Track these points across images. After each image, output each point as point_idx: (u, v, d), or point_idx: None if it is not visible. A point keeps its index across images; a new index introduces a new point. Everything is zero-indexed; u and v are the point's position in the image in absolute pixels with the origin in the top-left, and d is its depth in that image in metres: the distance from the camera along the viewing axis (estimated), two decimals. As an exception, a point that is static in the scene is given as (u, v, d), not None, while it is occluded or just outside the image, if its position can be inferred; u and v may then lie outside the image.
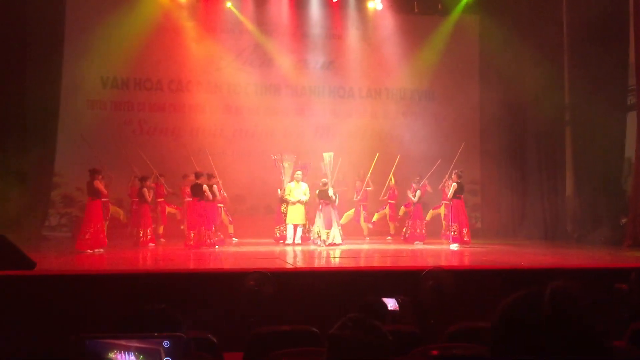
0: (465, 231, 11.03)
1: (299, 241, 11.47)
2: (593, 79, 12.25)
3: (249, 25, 14.50)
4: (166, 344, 1.83)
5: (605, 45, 11.81)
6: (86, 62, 13.23)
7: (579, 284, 1.28)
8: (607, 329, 1.23)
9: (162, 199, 12.44)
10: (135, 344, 1.83)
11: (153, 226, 11.58)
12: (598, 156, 12.23)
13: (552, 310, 1.21)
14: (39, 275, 6.19)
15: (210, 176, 11.45)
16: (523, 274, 6.89)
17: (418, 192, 12.37)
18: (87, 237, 9.87)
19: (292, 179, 11.93)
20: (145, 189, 11.18)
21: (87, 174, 10.30)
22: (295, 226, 11.59)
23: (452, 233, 11.01)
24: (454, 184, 11.19)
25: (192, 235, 10.65)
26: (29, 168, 11.67)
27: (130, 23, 13.14)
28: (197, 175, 11.00)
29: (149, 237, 11.15)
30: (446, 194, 12.43)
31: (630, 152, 11.78)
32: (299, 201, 11.62)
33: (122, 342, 1.83)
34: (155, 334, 1.88)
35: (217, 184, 11.46)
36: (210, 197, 10.86)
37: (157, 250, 10.73)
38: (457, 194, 11.19)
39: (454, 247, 10.78)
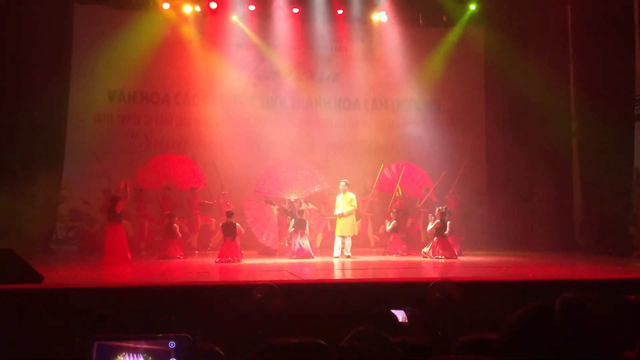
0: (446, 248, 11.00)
1: (349, 253, 11.36)
2: (599, 88, 12.23)
3: (255, 38, 14.59)
4: (172, 344, 1.83)
5: (611, 55, 11.80)
6: (93, 76, 13.33)
7: (589, 296, 1.27)
8: (618, 340, 1.23)
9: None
10: (143, 345, 1.84)
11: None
12: (606, 166, 12.17)
13: (564, 321, 1.20)
14: (46, 289, 6.20)
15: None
16: (531, 285, 6.85)
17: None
18: (116, 260, 9.92)
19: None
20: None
21: (101, 194, 10.64)
22: (344, 238, 11.50)
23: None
24: (437, 221, 10.94)
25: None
26: (37, 181, 11.73)
27: (137, 37, 13.25)
28: (229, 214, 10.97)
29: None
30: (453, 205, 12.39)
31: (638, 162, 11.73)
32: (349, 212, 11.51)
33: (131, 343, 1.83)
34: (162, 335, 1.88)
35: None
36: (243, 232, 10.87)
37: (175, 263, 10.54)
38: (440, 231, 10.93)
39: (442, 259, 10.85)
